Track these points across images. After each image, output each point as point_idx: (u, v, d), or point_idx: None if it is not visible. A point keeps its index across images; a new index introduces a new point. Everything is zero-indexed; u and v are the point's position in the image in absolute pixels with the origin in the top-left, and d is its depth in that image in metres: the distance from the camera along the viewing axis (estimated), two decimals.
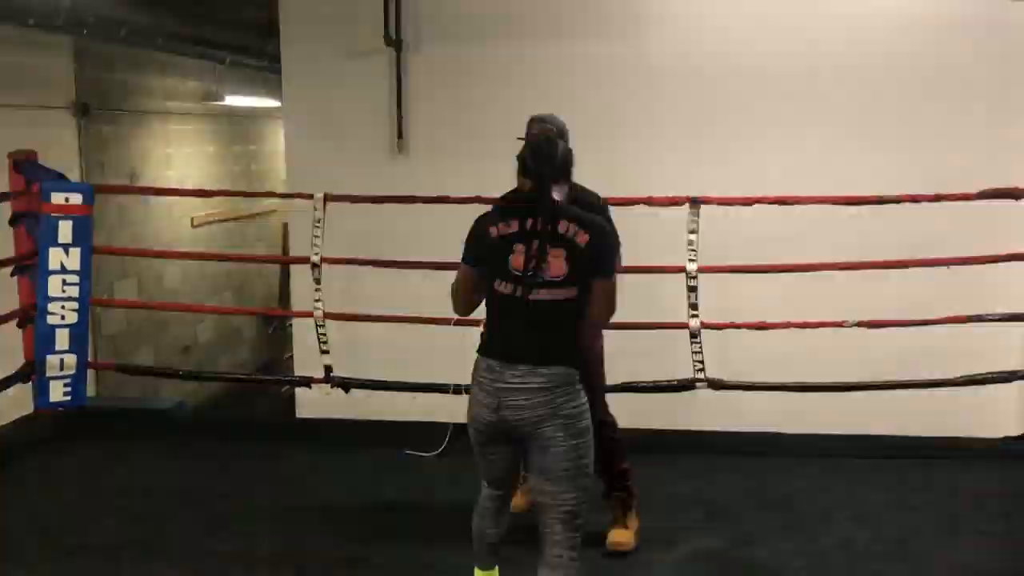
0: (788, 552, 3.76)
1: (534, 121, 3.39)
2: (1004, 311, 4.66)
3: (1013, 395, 5.03)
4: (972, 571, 3.59)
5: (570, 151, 3.03)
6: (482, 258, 2.85)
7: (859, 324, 4.61)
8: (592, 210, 3.15)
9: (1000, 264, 4.57)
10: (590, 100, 5.27)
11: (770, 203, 4.61)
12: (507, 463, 2.98)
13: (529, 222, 2.76)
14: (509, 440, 2.87)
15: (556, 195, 2.85)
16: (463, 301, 2.99)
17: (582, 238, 2.74)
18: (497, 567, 3.24)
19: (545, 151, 2.87)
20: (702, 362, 4.68)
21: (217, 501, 4.29)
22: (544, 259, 2.72)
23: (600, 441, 2.99)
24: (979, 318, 4.60)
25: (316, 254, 4.90)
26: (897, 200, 4.51)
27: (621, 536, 3.76)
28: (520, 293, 2.75)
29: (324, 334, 4.97)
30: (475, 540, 3.16)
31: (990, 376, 4.64)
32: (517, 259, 2.75)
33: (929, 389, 4.69)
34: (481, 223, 2.88)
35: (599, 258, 2.78)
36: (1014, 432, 5.12)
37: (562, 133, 3.23)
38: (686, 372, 4.70)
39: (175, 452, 4.97)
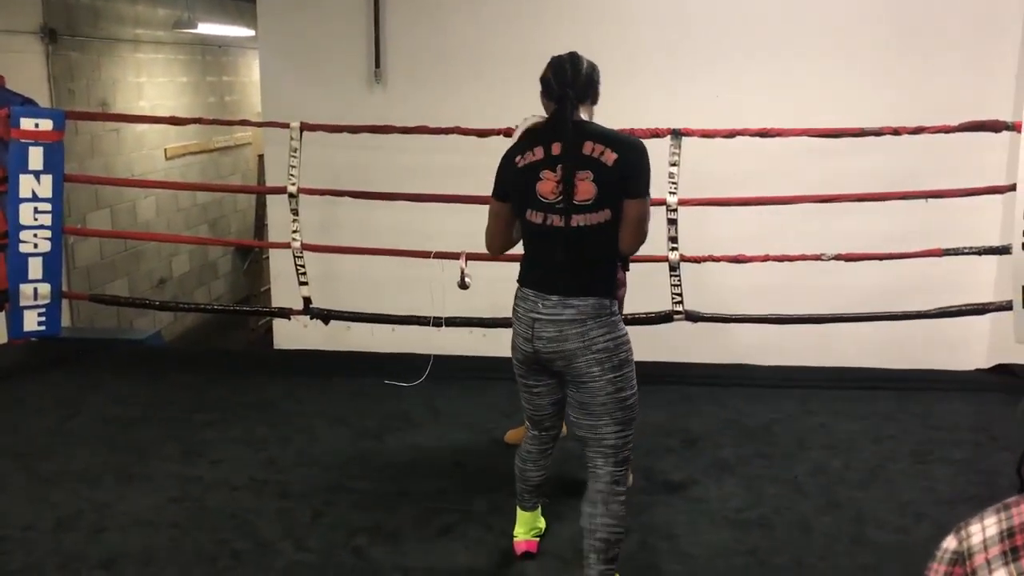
0: (763, 479, 3.82)
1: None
2: (979, 244, 4.70)
3: (985, 328, 5.11)
4: (941, 497, 3.66)
5: (596, 73, 2.76)
6: (510, 190, 2.73)
7: (836, 257, 4.64)
8: None
9: (977, 197, 4.60)
10: (570, 31, 5.19)
11: (752, 135, 4.59)
12: (550, 398, 2.87)
13: (554, 147, 2.61)
14: (551, 374, 2.78)
15: (583, 115, 2.69)
16: (498, 238, 2.83)
17: (609, 156, 2.57)
18: (540, 507, 3.23)
19: (568, 70, 2.67)
20: (680, 294, 4.70)
21: (195, 429, 4.29)
22: (572, 184, 2.57)
23: None
24: (955, 251, 4.64)
25: (293, 184, 4.84)
26: (878, 132, 4.50)
27: None
28: (550, 221, 2.63)
29: (302, 265, 4.94)
30: (518, 482, 3.14)
31: (963, 308, 4.70)
32: (545, 186, 2.62)
33: (904, 321, 4.74)
34: (508, 155, 2.74)
35: (628, 177, 2.59)
36: (985, 364, 5.20)
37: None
38: (664, 304, 4.72)
39: (152, 382, 4.95)
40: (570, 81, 2.66)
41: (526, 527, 3.22)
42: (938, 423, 4.40)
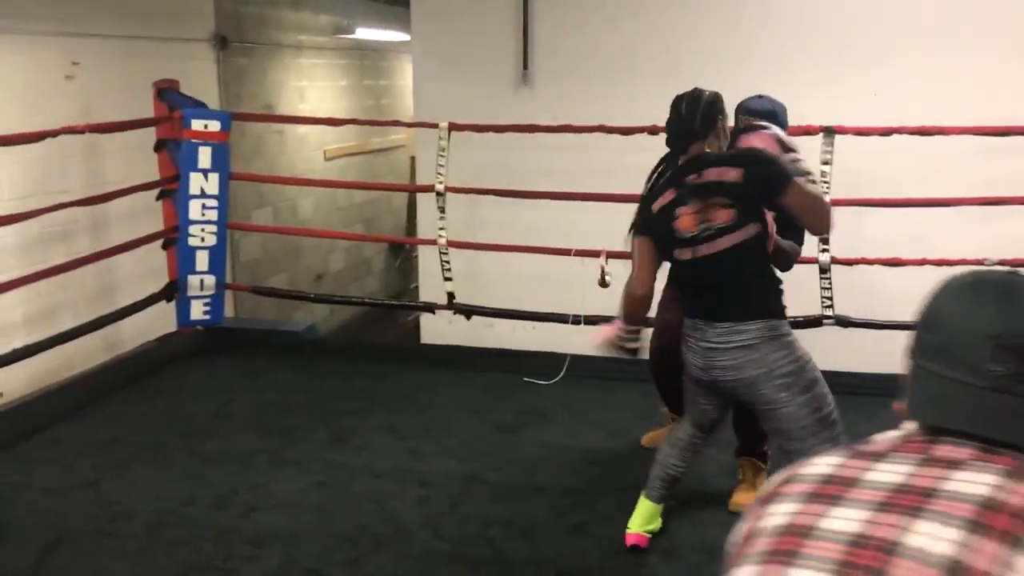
0: None
1: (740, 111, 3.42)
2: None
3: None
4: None
5: (716, 107, 2.82)
6: (651, 231, 2.81)
7: (1000, 263, 4.37)
8: None
9: None
10: (718, 30, 5.12)
11: (910, 133, 4.40)
12: (717, 414, 2.96)
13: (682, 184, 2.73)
14: (724, 394, 2.84)
15: (707, 149, 2.77)
16: (643, 276, 2.87)
17: (732, 174, 2.63)
18: (662, 506, 3.18)
19: (685, 111, 2.78)
20: (831, 298, 4.55)
21: (342, 417, 4.47)
22: (707, 212, 2.65)
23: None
24: None
25: (440, 183, 4.97)
26: None
27: (750, 499, 3.61)
28: (698, 253, 2.69)
29: (447, 261, 5.07)
30: (654, 468, 3.11)
31: None
32: (684, 222, 2.70)
33: None
34: (645, 202, 2.85)
35: (760, 183, 2.63)
36: None
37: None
38: (814, 308, 4.58)
39: (305, 371, 5.19)
40: (686, 120, 2.76)
41: (644, 520, 3.18)
42: None
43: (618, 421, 4.39)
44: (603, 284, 4.39)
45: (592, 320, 4.92)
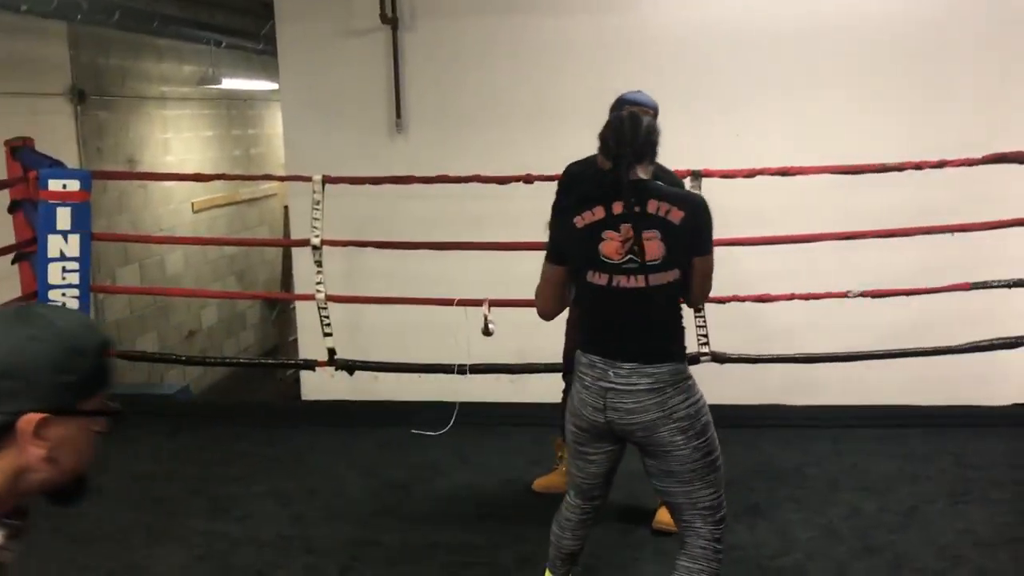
0: (795, 523, 3.75)
1: (623, 102, 3.37)
2: (1009, 277, 4.63)
3: (1020, 361, 5.00)
4: (980, 539, 3.58)
5: (656, 130, 2.68)
6: (569, 252, 2.66)
7: (863, 294, 4.59)
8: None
9: (1005, 229, 4.54)
10: (586, 73, 5.23)
11: (772, 174, 4.57)
12: (605, 467, 2.77)
13: (615, 206, 2.56)
14: (614, 440, 2.69)
15: (642, 174, 2.62)
16: (552, 302, 2.77)
17: (676, 215, 2.53)
18: None
19: (628, 131, 2.62)
20: (706, 335, 4.67)
21: (223, 484, 4.29)
22: (639, 243, 2.52)
23: None
24: (984, 284, 4.57)
25: (316, 236, 4.87)
26: (900, 168, 4.48)
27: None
28: (616, 282, 2.57)
29: (327, 316, 4.97)
30: (552, 548, 2.99)
31: (995, 342, 4.62)
32: (609, 246, 2.56)
33: (935, 357, 4.67)
34: (562, 216, 2.69)
35: (696, 234, 2.57)
36: (1022, 399, 5.09)
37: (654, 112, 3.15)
38: (690, 346, 4.67)
39: (180, 436, 4.97)
40: (628, 140, 2.61)
41: None
42: (974, 461, 4.31)
43: (511, 468, 4.37)
44: (487, 333, 4.38)
45: (478, 369, 4.91)
